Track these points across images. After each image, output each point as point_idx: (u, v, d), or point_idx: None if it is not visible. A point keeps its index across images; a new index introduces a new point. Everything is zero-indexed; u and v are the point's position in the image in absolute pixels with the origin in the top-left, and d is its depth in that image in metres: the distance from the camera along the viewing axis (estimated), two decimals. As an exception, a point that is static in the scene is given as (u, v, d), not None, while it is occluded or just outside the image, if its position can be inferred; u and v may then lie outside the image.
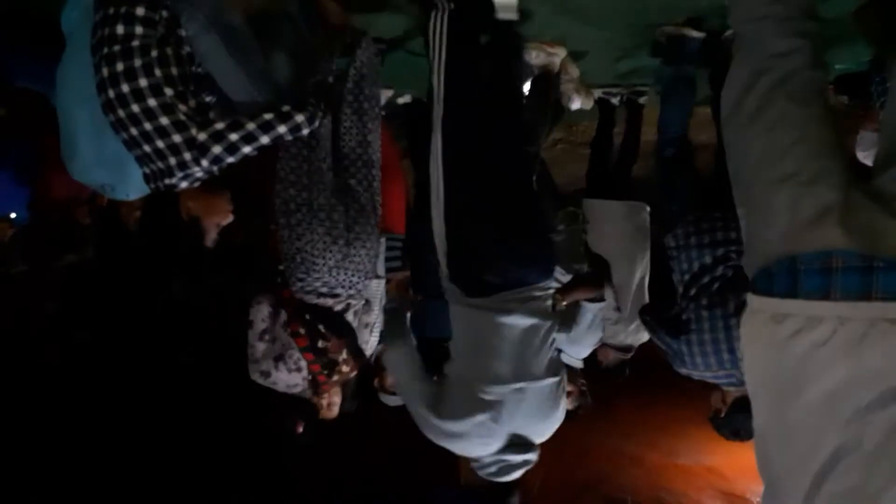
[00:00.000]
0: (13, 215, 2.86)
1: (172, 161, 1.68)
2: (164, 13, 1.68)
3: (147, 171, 1.74)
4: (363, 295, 2.57)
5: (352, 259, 2.41)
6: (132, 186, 1.80)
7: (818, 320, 1.03)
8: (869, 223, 1.05)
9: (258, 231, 2.68)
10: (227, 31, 1.78)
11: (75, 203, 2.89)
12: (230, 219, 2.18)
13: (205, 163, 1.70)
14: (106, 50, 1.61)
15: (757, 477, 1.21)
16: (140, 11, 1.62)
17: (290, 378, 2.42)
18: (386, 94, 3.40)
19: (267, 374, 2.42)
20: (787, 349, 1.07)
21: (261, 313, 2.48)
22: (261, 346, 2.45)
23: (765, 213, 1.19)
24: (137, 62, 1.60)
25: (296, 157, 2.36)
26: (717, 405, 2.47)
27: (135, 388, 3.73)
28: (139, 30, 1.61)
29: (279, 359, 2.41)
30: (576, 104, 3.17)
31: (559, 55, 2.87)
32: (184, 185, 1.77)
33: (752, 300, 1.19)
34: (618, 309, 3.30)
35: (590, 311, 2.92)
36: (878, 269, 1.00)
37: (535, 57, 2.85)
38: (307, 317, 2.40)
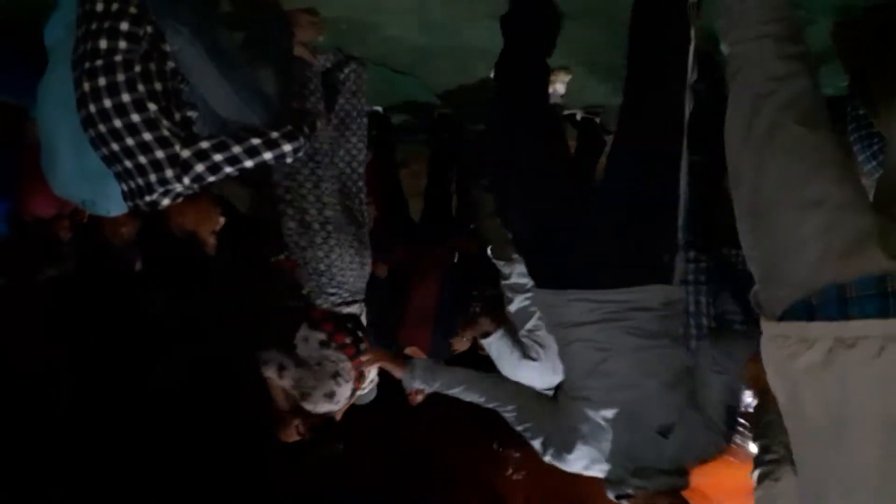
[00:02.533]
0: (-7, 230, 2.82)
1: (153, 178, 1.66)
2: (149, 28, 1.67)
3: (125, 188, 1.71)
4: (364, 297, 2.66)
5: (364, 266, 2.55)
6: (113, 202, 1.78)
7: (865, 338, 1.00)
8: None
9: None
10: (212, 45, 1.77)
11: (56, 217, 2.86)
12: (223, 222, 2.17)
13: (186, 180, 1.68)
14: (88, 65, 1.59)
15: (742, 499, 1.18)
16: (124, 27, 1.61)
17: (347, 390, 2.42)
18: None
19: (332, 396, 2.39)
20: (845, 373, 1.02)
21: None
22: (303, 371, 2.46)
23: (791, 241, 1.15)
24: (120, 77, 1.58)
25: (310, 178, 2.43)
26: None
27: (115, 402, 3.69)
28: (123, 45, 1.60)
29: (336, 375, 2.39)
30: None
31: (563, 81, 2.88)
32: (165, 201, 1.74)
33: (809, 328, 1.09)
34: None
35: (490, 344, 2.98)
36: None
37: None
38: (349, 326, 2.43)
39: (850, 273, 1.05)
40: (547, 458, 1.94)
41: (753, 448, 1.47)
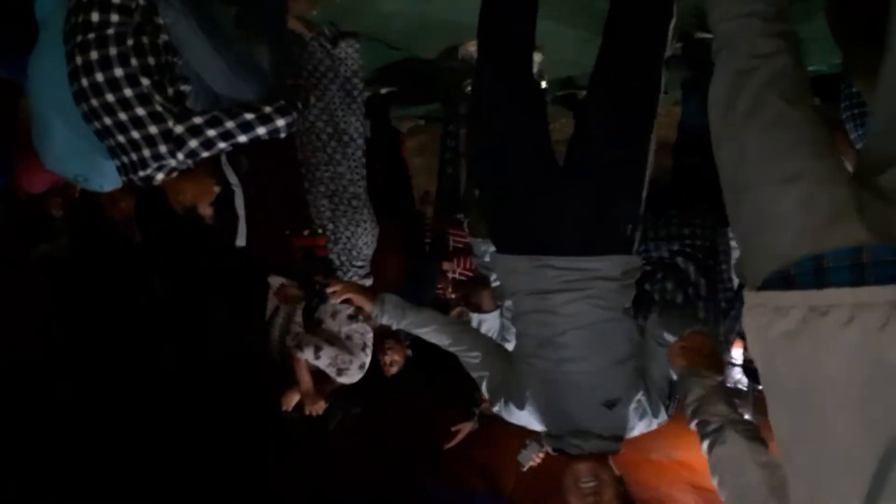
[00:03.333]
0: (-15, 206, 2.81)
1: (147, 153, 1.66)
2: (141, 1, 1.65)
3: (119, 162, 1.70)
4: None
5: (374, 238, 2.68)
6: (106, 177, 1.77)
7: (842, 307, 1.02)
8: (884, 218, 1.05)
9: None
10: (206, 18, 1.77)
11: (48, 193, 2.85)
12: (218, 190, 2.18)
13: (180, 156, 1.68)
14: (80, 38, 1.57)
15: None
16: None
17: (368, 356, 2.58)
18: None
19: (363, 366, 2.57)
20: (816, 339, 1.05)
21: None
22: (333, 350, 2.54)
23: (771, 215, 1.17)
24: (113, 50, 1.57)
25: (342, 156, 2.58)
26: None
27: (116, 386, 3.70)
28: (115, 17, 1.58)
29: (365, 346, 2.58)
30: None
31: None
32: (159, 176, 1.74)
33: (782, 297, 1.12)
34: None
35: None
36: None
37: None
38: None
39: (826, 244, 1.07)
40: (495, 409, 2.00)
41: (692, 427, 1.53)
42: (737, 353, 4.41)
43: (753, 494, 1.30)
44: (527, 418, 1.94)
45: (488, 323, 2.93)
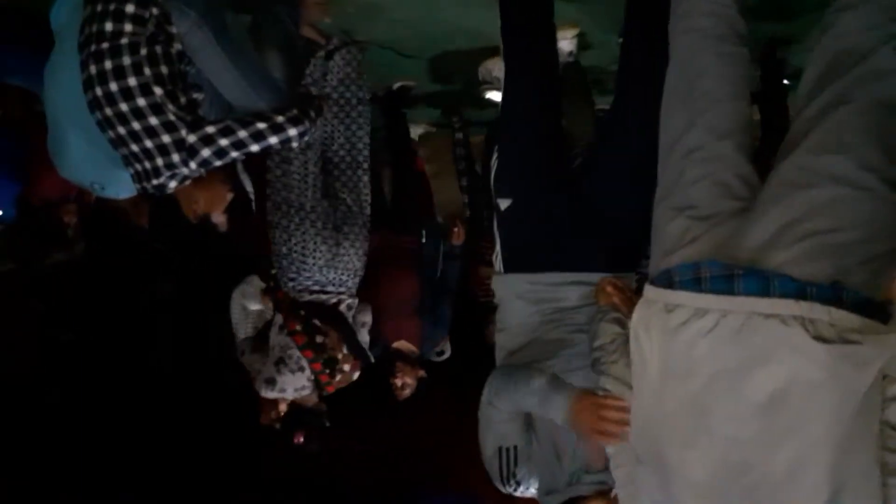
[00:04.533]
0: (0, 213, 2.84)
1: (160, 161, 1.67)
2: (155, 10, 1.66)
3: (133, 171, 1.71)
4: (352, 291, 2.59)
5: (340, 258, 2.46)
6: (122, 185, 1.78)
7: (704, 312, 1.18)
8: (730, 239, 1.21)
9: (245, 230, 2.70)
10: (219, 27, 1.77)
11: (62, 201, 2.87)
12: (231, 196, 2.17)
13: (193, 165, 1.68)
14: (94, 47, 1.58)
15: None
16: (130, 8, 1.60)
17: (295, 380, 2.42)
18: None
19: (272, 382, 2.42)
20: (677, 336, 1.21)
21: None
22: (257, 357, 2.46)
23: (656, 232, 1.38)
24: (126, 60, 1.58)
25: (287, 160, 2.40)
26: None
27: (119, 388, 3.72)
28: (128, 27, 1.59)
29: (280, 362, 2.41)
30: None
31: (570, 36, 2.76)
32: (172, 184, 1.75)
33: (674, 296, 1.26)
34: None
35: None
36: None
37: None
38: (302, 313, 2.42)
39: (671, 263, 1.27)
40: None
41: None
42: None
43: None
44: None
45: None
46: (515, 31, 1.90)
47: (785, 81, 3.08)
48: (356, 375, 2.60)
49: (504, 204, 1.89)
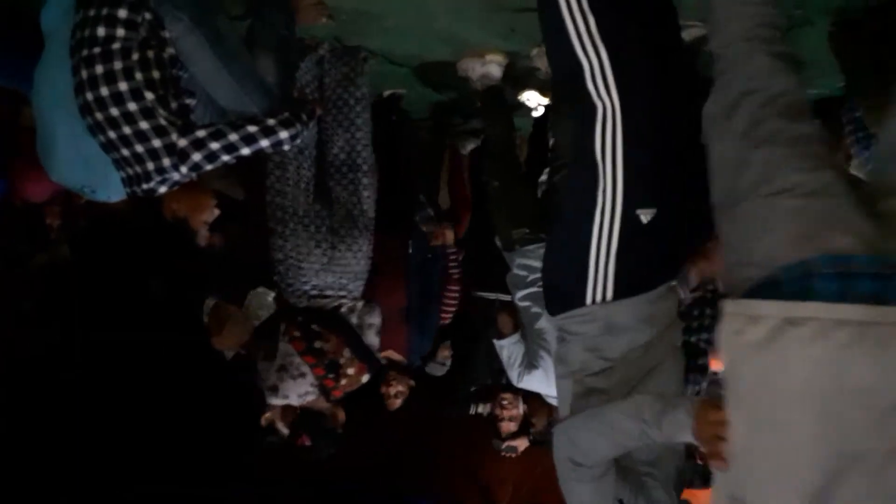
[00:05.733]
0: (-15, 214, 2.81)
1: (150, 166, 1.66)
2: (147, 15, 1.65)
3: (124, 175, 1.70)
4: (355, 295, 2.58)
5: (337, 262, 2.46)
6: (113, 189, 1.76)
7: (829, 323, 1.02)
8: (874, 233, 1.07)
9: (239, 235, 2.69)
10: (212, 32, 1.76)
11: (46, 203, 2.84)
12: (216, 214, 2.16)
13: (184, 169, 1.68)
14: (86, 52, 1.57)
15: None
16: (122, 14, 1.59)
17: (297, 386, 2.39)
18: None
19: (275, 389, 2.39)
20: (790, 352, 1.06)
21: None
22: (267, 364, 2.44)
23: (761, 224, 1.18)
24: (118, 65, 1.57)
25: (280, 166, 2.40)
26: None
27: (113, 387, 3.69)
28: (121, 32, 1.58)
29: (282, 369, 2.39)
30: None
31: (496, 63, 2.74)
32: (162, 189, 1.74)
33: (759, 306, 1.12)
34: None
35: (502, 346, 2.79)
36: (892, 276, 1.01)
37: (471, 70, 2.76)
38: (300, 318, 2.41)
39: (813, 250, 1.08)
40: None
41: None
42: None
43: None
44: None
45: (508, 349, 2.76)
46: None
47: None
48: (365, 378, 2.56)
49: (647, 215, 1.64)
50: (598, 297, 1.66)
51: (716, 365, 2.22)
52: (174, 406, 3.73)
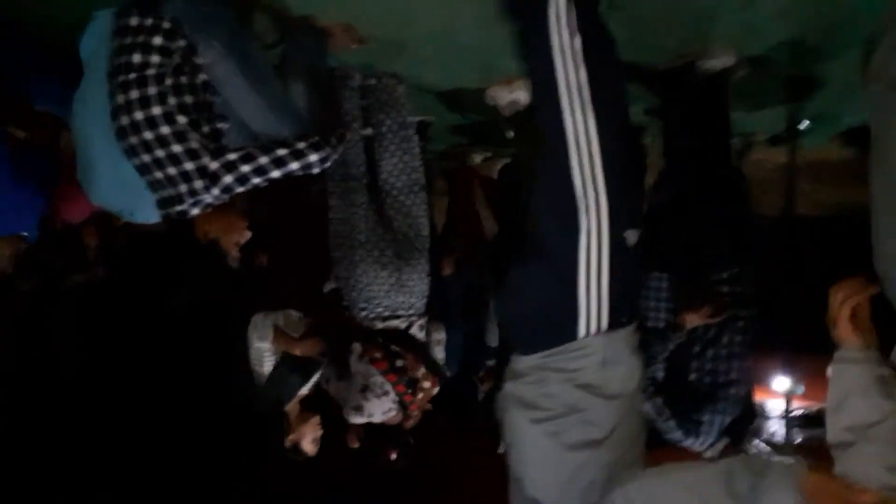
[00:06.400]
0: (25, 234, 2.89)
1: (183, 188, 1.70)
2: (182, 42, 1.70)
3: (157, 197, 1.74)
4: (421, 311, 2.67)
5: (404, 282, 2.55)
6: (150, 211, 1.80)
7: None
8: None
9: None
10: (244, 58, 1.81)
11: (84, 224, 2.91)
12: (248, 236, 2.20)
13: (215, 191, 1.71)
14: (122, 78, 1.63)
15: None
16: (157, 41, 1.65)
17: (381, 404, 2.50)
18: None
19: (360, 409, 2.49)
20: None
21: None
22: (344, 384, 2.52)
23: None
24: (152, 90, 1.62)
25: (336, 195, 2.54)
26: None
27: (138, 405, 3.72)
28: (155, 59, 1.64)
29: (365, 389, 2.48)
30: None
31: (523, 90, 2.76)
32: (195, 211, 1.78)
33: None
34: None
35: None
36: None
37: (500, 97, 2.82)
38: (380, 340, 2.51)
39: None
40: None
41: None
42: (772, 405, 4.27)
43: None
44: None
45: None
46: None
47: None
48: (436, 391, 2.69)
49: (633, 237, 1.61)
50: (593, 328, 1.54)
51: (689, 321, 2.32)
52: (187, 427, 3.74)
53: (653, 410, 2.35)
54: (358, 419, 2.53)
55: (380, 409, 2.50)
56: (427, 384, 2.60)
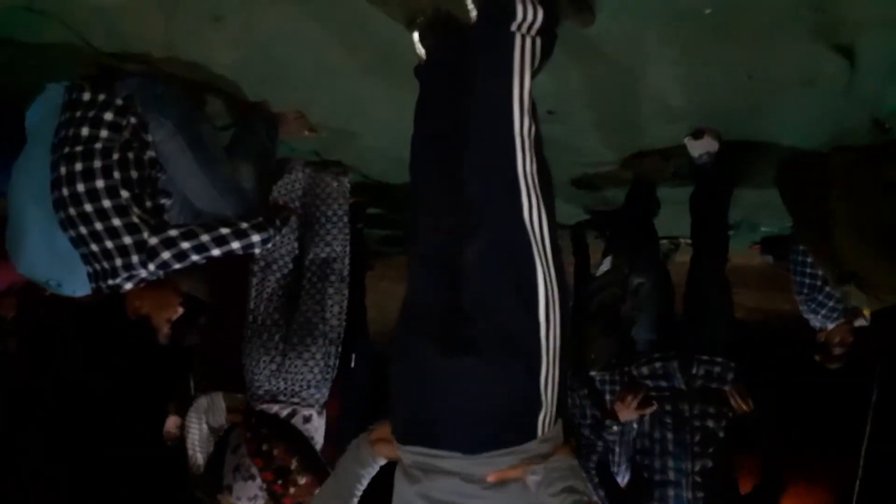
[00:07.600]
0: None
1: (118, 262, 1.66)
2: (133, 119, 1.72)
3: (90, 269, 1.70)
4: (309, 403, 2.52)
5: (288, 370, 2.47)
6: (79, 283, 1.75)
7: None
8: None
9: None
10: (195, 138, 1.83)
11: (2, 295, 2.78)
12: (180, 312, 2.14)
13: (151, 266, 1.68)
14: (67, 149, 1.62)
15: None
16: (108, 117, 1.66)
17: (247, 489, 2.30)
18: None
19: (229, 489, 2.31)
20: None
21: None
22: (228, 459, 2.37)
23: None
24: (97, 164, 1.61)
25: (254, 273, 2.54)
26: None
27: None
28: (104, 133, 1.64)
29: (236, 469, 2.33)
30: None
31: None
32: (128, 286, 1.74)
33: None
34: None
35: None
36: None
37: None
38: (252, 420, 2.39)
39: None
40: None
41: None
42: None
43: None
44: None
45: None
46: None
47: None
48: (316, 490, 2.40)
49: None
50: (549, 422, 1.30)
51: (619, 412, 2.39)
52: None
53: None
54: (226, 499, 2.33)
55: (245, 493, 2.31)
56: (303, 480, 2.30)
